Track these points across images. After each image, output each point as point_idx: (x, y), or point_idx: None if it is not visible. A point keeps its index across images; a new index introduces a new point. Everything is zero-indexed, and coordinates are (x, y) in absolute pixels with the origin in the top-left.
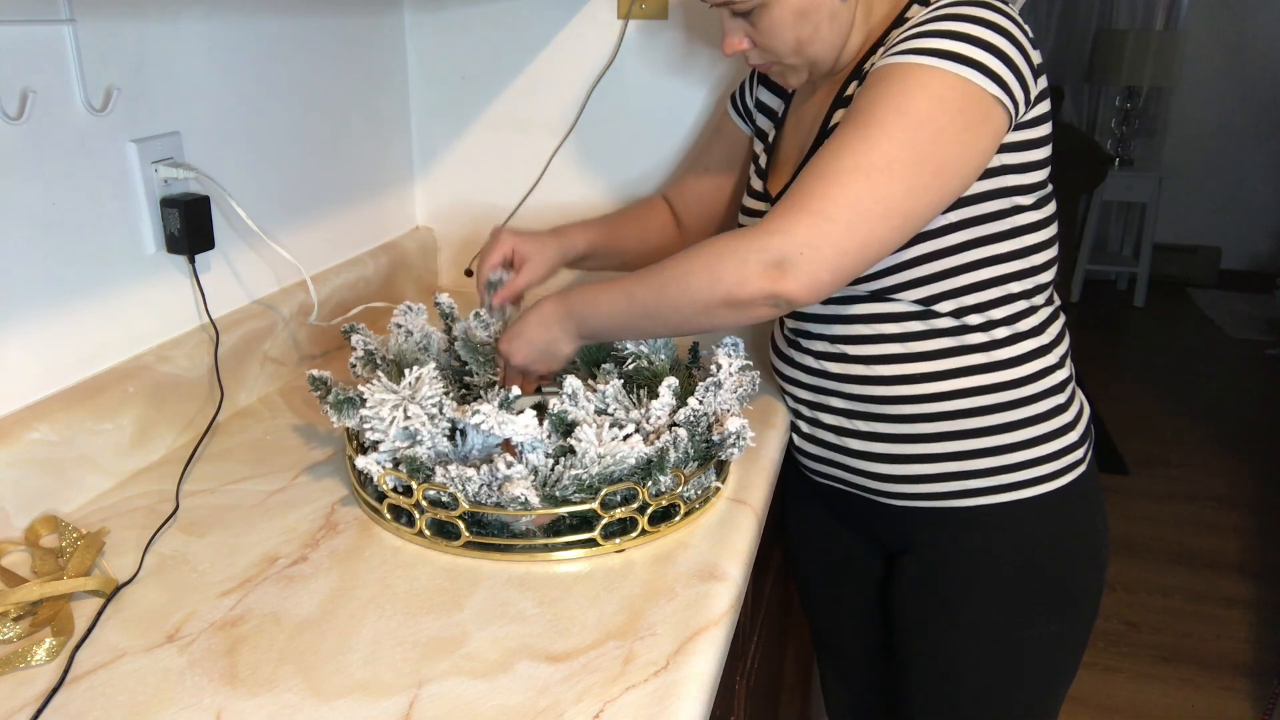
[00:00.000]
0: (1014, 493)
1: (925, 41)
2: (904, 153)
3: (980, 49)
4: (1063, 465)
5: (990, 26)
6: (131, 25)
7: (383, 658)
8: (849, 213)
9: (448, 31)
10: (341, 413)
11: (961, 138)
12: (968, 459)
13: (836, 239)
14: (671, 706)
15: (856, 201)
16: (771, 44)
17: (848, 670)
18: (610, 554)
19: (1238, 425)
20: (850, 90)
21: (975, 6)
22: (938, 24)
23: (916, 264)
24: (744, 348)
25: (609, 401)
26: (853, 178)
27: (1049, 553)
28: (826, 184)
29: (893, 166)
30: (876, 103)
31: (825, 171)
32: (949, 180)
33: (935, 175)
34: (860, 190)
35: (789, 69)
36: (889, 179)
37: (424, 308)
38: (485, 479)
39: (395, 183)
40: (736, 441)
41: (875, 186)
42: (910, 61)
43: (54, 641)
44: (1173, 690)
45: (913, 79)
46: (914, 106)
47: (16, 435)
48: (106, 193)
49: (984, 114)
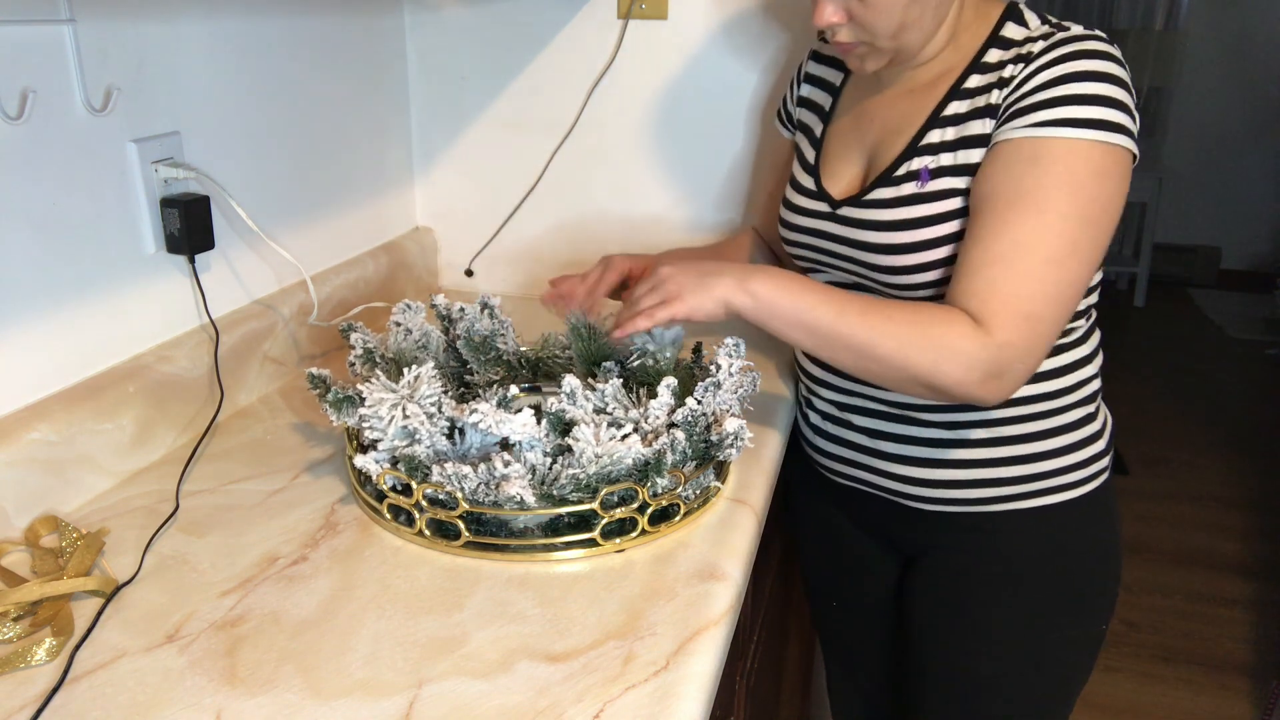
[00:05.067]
0: (1041, 499)
1: (1074, 110)
2: (1083, 232)
3: (1120, 111)
4: (1090, 473)
5: (1119, 83)
6: (131, 25)
7: (383, 658)
8: (1054, 308)
9: (448, 31)
10: (341, 411)
11: (1117, 199)
12: (1001, 466)
13: (1047, 338)
14: (671, 706)
15: (1058, 295)
16: (875, 22)
17: (856, 672)
18: (610, 554)
19: (1238, 425)
20: (971, 83)
21: (1103, 60)
22: (1078, 85)
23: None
24: (744, 348)
25: (608, 400)
26: (1048, 270)
27: (1070, 558)
28: (1028, 283)
29: (1077, 248)
30: (1046, 186)
31: (1019, 268)
32: (1110, 237)
33: (1104, 239)
34: (1058, 280)
35: (875, 52)
36: (1077, 261)
37: (422, 306)
38: (483, 477)
39: (395, 183)
40: (735, 442)
41: (1067, 272)
42: (1068, 137)
43: (54, 641)
44: (1173, 690)
45: (1076, 156)
46: (1083, 185)
47: (16, 435)
48: (106, 193)
49: (1127, 169)
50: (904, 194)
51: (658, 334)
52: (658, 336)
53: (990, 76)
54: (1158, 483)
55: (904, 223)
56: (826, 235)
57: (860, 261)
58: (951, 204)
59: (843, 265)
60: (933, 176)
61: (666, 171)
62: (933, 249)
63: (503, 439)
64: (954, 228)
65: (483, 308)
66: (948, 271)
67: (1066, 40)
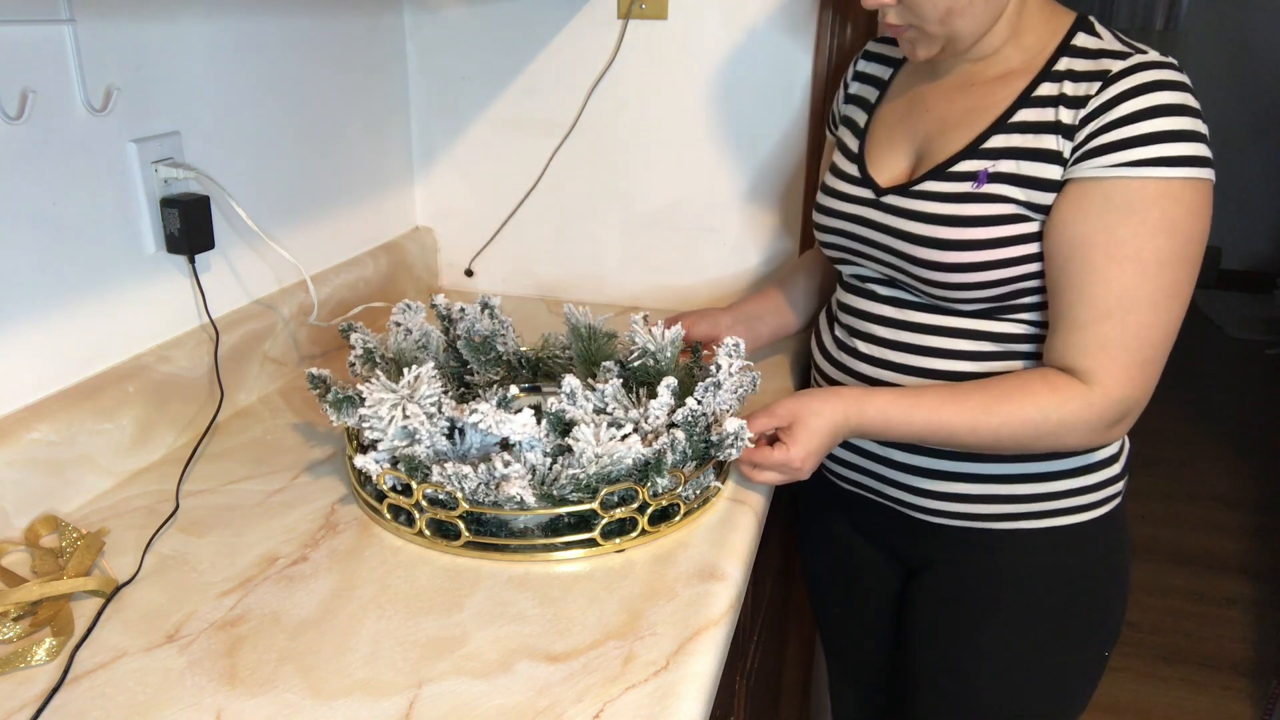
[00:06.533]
0: (1054, 519)
1: (1165, 149)
2: (1182, 272)
3: (1204, 144)
4: (1104, 495)
5: (1199, 115)
6: (131, 25)
7: (383, 658)
8: (1162, 350)
9: (448, 31)
10: (341, 411)
11: (1207, 230)
12: (1012, 483)
13: (1157, 375)
14: (671, 706)
15: (1165, 336)
16: (921, 5)
17: (857, 677)
18: (610, 554)
19: (1238, 425)
20: (1041, 90)
21: (1184, 91)
22: (1166, 121)
23: (989, 287)
24: (744, 348)
25: (608, 400)
26: (1155, 318)
27: (1078, 580)
28: (1138, 334)
29: (1179, 289)
30: (1143, 235)
31: (1129, 321)
32: (1200, 266)
33: (1197, 270)
34: (1165, 324)
35: (925, 38)
36: (1179, 302)
37: (422, 306)
38: (483, 477)
39: (395, 183)
40: (735, 442)
41: (1170, 315)
42: (1162, 177)
43: (54, 641)
44: (1173, 690)
45: (1170, 199)
46: (1179, 228)
47: (16, 435)
48: (106, 193)
49: (1211, 199)
50: (956, 190)
51: (657, 334)
52: (657, 336)
53: (1059, 87)
54: (1158, 483)
55: (952, 218)
56: (867, 223)
57: (899, 253)
58: (1002, 209)
59: (879, 255)
60: (990, 180)
61: (666, 171)
62: (976, 250)
63: (502, 439)
64: (1000, 233)
65: (483, 308)
66: (985, 275)
67: (1146, 66)
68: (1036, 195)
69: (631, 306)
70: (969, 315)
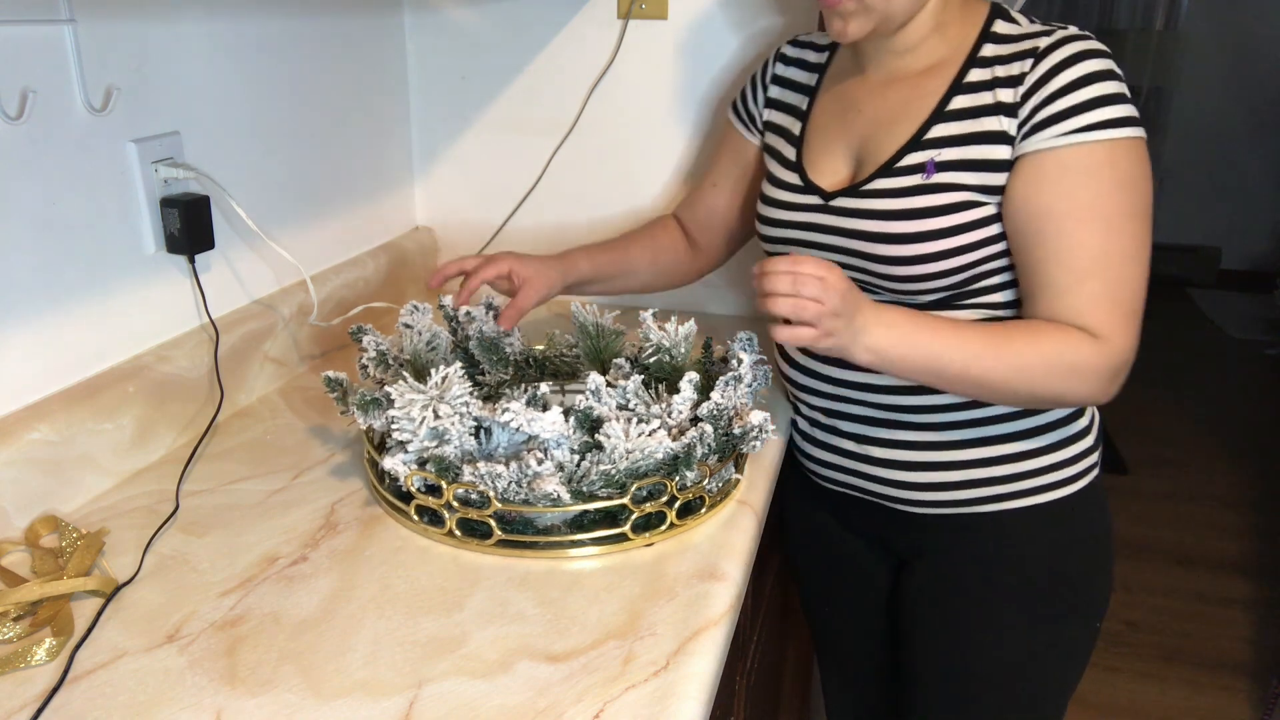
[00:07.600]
0: (1033, 498)
1: (1109, 111)
2: (1143, 225)
3: (1132, 105)
4: (1078, 470)
5: (1123, 79)
6: (131, 25)
7: (383, 658)
8: (1140, 301)
9: (448, 31)
10: (368, 413)
11: (1151, 183)
12: (991, 465)
13: (1140, 330)
14: (671, 706)
15: (1142, 287)
16: None
17: (851, 675)
18: (610, 554)
19: (1238, 425)
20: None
21: (1108, 58)
22: (1103, 85)
23: (949, 275)
24: (756, 342)
25: (629, 397)
26: (1132, 269)
27: (1063, 555)
28: (1122, 287)
29: (1144, 240)
30: (1104, 193)
31: (1111, 276)
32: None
33: (1151, 222)
34: (1139, 275)
35: (857, 14)
36: (1146, 252)
37: (429, 307)
38: (515, 476)
39: (395, 183)
40: (759, 435)
41: (1142, 266)
42: (1111, 138)
43: (54, 641)
44: (1173, 690)
45: (1121, 156)
46: (1135, 183)
47: (16, 435)
48: (106, 193)
49: (1147, 153)
50: (907, 185)
51: (671, 330)
52: (671, 332)
53: (990, 71)
54: (1158, 483)
55: (906, 212)
56: (818, 228)
57: (856, 252)
58: (955, 197)
59: (833, 258)
60: (938, 169)
61: (666, 172)
62: (934, 240)
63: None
64: (956, 220)
65: (488, 309)
66: (944, 264)
67: (1071, 39)
68: (988, 177)
69: (632, 305)
70: (926, 306)
